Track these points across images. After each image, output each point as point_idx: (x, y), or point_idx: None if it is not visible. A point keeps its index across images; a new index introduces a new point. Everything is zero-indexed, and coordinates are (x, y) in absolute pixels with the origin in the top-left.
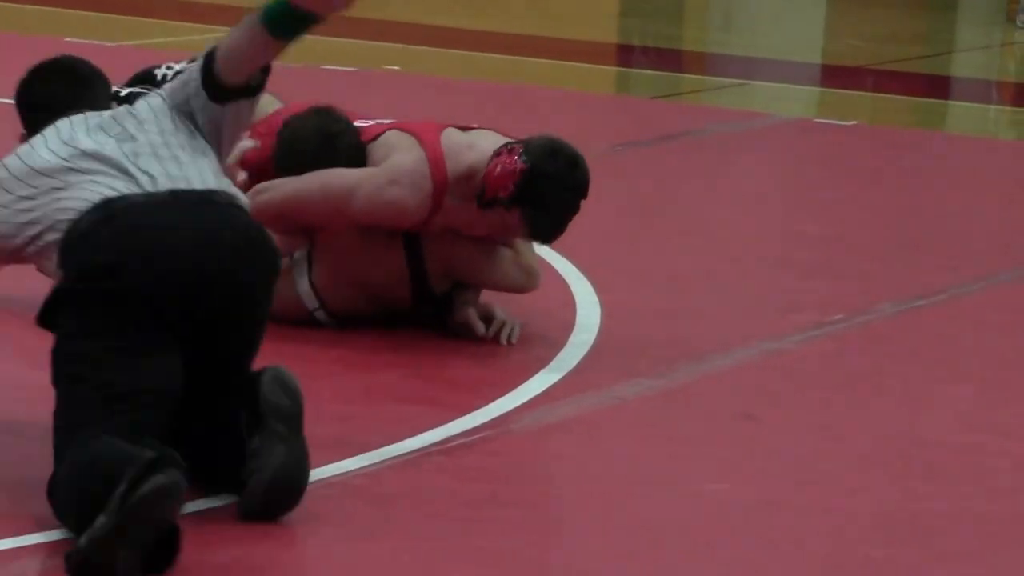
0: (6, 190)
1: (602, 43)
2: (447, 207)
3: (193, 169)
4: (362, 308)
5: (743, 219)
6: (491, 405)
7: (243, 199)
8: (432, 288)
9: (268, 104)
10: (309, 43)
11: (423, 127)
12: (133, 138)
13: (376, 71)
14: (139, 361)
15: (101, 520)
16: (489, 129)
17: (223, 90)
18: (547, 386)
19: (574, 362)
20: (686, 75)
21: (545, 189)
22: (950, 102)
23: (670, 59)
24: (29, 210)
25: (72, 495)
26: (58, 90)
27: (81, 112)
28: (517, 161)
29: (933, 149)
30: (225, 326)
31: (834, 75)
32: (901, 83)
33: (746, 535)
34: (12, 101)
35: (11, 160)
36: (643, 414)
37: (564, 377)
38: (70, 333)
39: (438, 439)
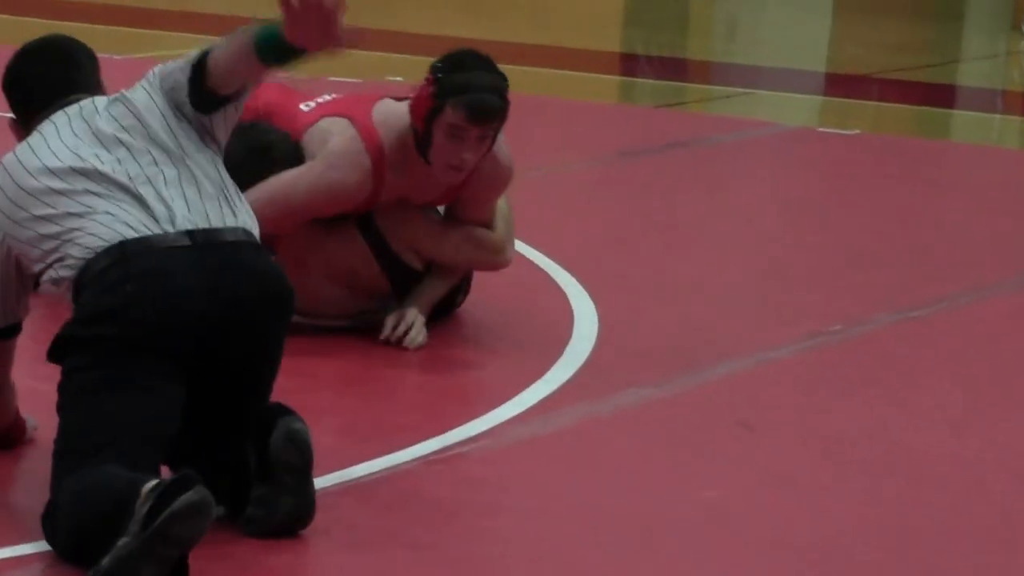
0: (19, 206)
1: (606, 52)
2: (391, 181)
3: (211, 199)
4: (343, 305)
5: (743, 229)
6: (488, 415)
7: (256, 229)
8: (405, 263)
9: None
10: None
11: (353, 104)
12: (149, 158)
13: (379, 82)
14: (143, 400)
15: (125, 540)
16: None
17: (210, 99)
18: (544, 396)
19: (571, 372)
20: (690, 84)
21: (459, 74)
22: (955, 111)
23: (674, 68)
24: (51, 236)
25: (73, 521)
26: (49, 71)
27: (76, 101)
28: (426, 77)
29: (936, 158)
30: (238, 369)
31: (839, 84)
32: (906, 92)
33: (742, 544)
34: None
35: (15, 169)
36: (640, 424)
37: (561, 387)
38: (77, 367)
39: (435, 448)
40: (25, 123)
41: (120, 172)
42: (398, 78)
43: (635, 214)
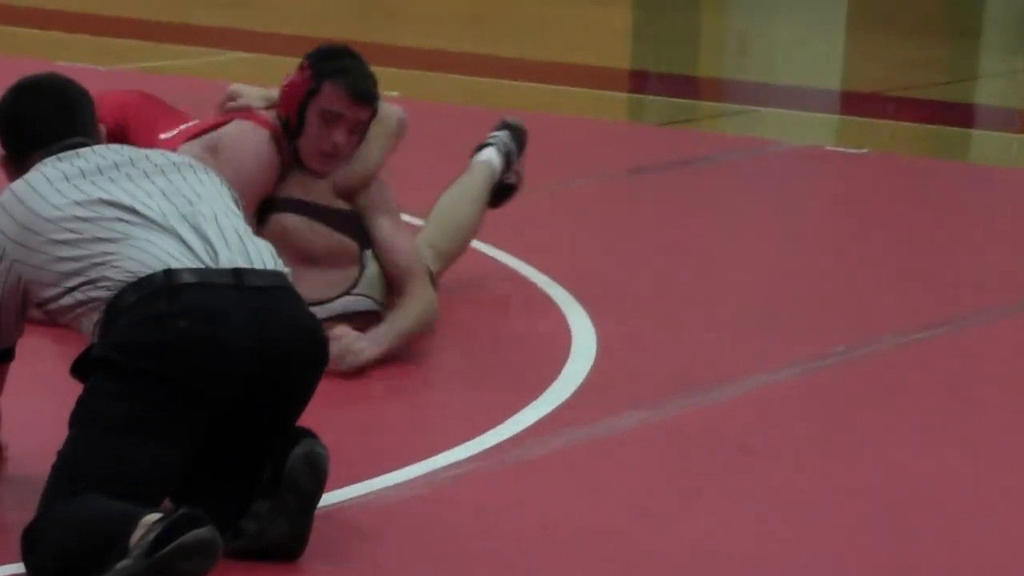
0: (35, 232)
1: (614, 69)
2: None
3: (250, 242)
4: (335, 283)
5: (746, 249)
6: (482, 437)
7: (290, 275)
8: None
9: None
10: None
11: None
12: (183, 199)
13: None
14: (161, 448)
15: (126, 562)
16: None
17: None
18: (539, 417)
19: (568, 393)
20: (700, 101)
21: (333, 60)
22: (971, 130)
23: (684, 85)
24: (72, 259)
25: (60, 546)
26: (45, 111)
27: (78, 145)
28: (300, 65)
29: (947, 179)
30: (269, 414)
31: (852, 102)
32: (920, 111)
33: (739, 570)
34: None
35: (29, 196)
36: (637, 447)
37: (557, 408)
38: (107, 391)
39: (425, 471)
40: (19, 160)
41: (153, 209)
42: (394, 93)
43: (638, 233)
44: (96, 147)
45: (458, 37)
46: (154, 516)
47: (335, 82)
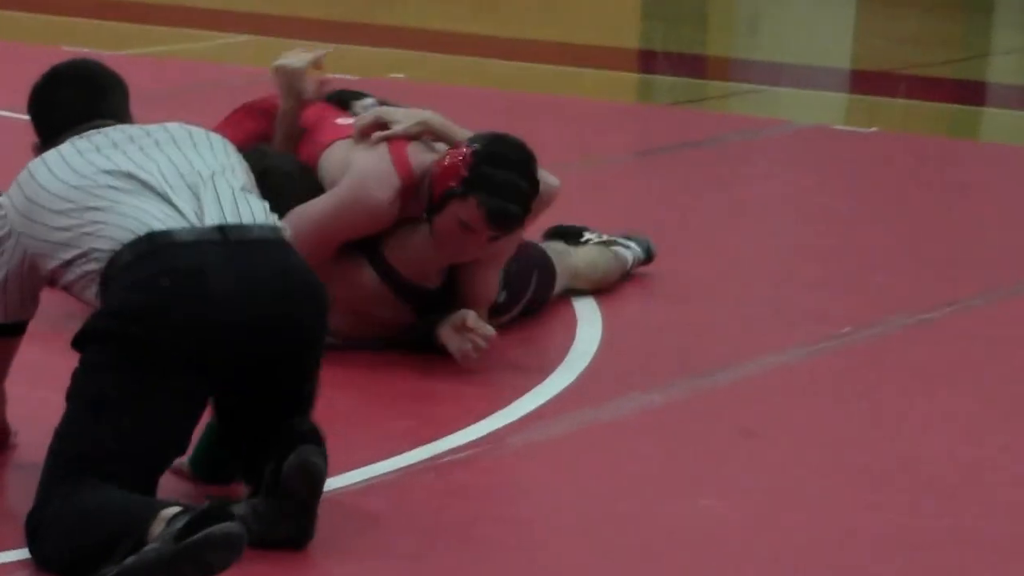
0: (38, 204)
1: (622, 49)
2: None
3: (243, 199)
4: (369, 330)
5: (754, 229)
6: (484, 421)
7: (288, 230)
8: (417, 285)
9: None
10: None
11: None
12: (182, 158)
13: (380, 79)
14: (153, 416)
15: (154, 545)
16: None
17: None
18: (543, 401)
19: (571, 377)
20: (709, 81)
21: (497, 171)
22: (984, 108)
23: (693, 64)
24: (64, 229)
25: (73, 536)
26: (74, 97)
27: (102, 125)
28: (465, 150)
29: (958, 157)
30: (274, 376)
31: (863, 80)
32: (932, 89)
33: (743, 554)
34: (7, 112)
35: (39, 170)
36: (641, 430)
37: (561, 392)
38: (96, 364)
39: (430, 455)
40: (46, 145)
41: (150, 171)
42: (399, 75)
43: (644, 215)
44: (121, 125)
45: (464, 18)
46: (174, 509)
47: (481, 200)
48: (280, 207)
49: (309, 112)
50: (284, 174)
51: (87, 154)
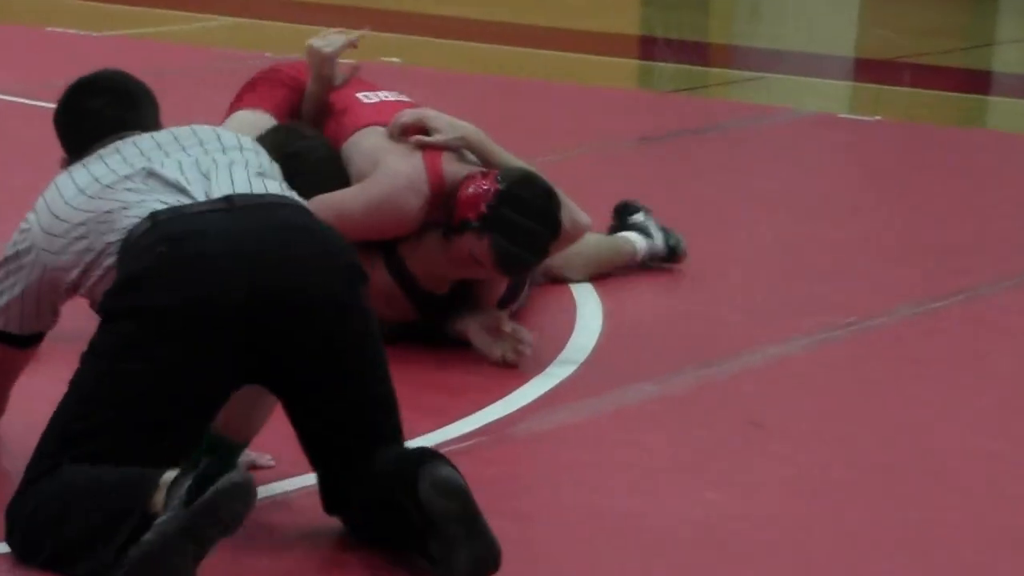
0: (61, 219)
1: (623, 35)
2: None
3: (257, 178)
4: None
5: (758, 217)
6: (485, 411)
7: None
8: (429, 292)
9: None
10: (303, 33)
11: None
12: (211, 154)
13: (374, 63)
14: (158, 389)
15: (167, 516)
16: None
17: None
18: (544, 391)
19: (573, 367)
20: (710, 68)
21: (517, 215)
22: (989, 97)
23: (694, 51)
24: (83, 237)
25: (62, 522)
26: (105, 109)
27: (129, 136)
28: (491, 182)
29: (962, 146)
30: (324, 353)
31: (867, 69)
32: (937, 77)
33: (748, 547)
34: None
35: (64, 186)
36: (643, 421)
37: (562, 382)
38: (95, 346)
39: (430, 446)
40: (73, 157)
41: (169, 167)
42: (395, 59)
43: (645, 202)
44: (150, 133)
45: (462, 2)
46: (172, 474)
47: (494, 242)
48: (306, 191)
49: (338, 93)
50: (317, 160)
51: (112, 164)
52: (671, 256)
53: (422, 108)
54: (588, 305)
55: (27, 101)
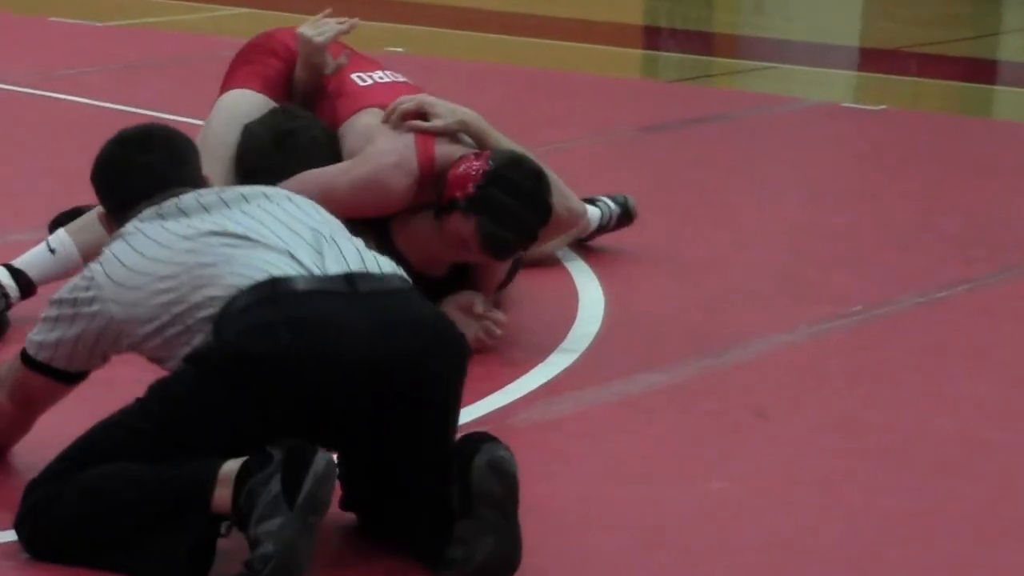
0: (138, 272)
1: (627, 25)
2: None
3: (367, 252)
4: None
5: (762, 207)
6: (486, 400)
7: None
8: (424, 275)
9: None
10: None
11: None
12: (303, 221)
13: (378, 53)
14: (214, 447)
15: (280, 520)
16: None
17: None
18: (546, 381)
19: (575, 356)
20: (716, 58)
21: (503, 194)
22: (995, 87)
23: (699, 41)
24: (168, 291)
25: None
26: (153, 165)
27: (181, 191)
28: (482, 163)
29: (966, 134)
30: (402, 435)
31: (872, 59)
32: (943, 67)
33: (753, 536)
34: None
35: (137, 240)
36: (647, 410)
37: (563, 371)
38: (182, 381)
39: None
40: (117, 213)
41: (264, 235)
42: (399, 49)
43: (650, 191)
44: (202, 190)
45: None
46: (232, 467)
47: (480, 224)
48: (299, 169)
49: (328, 77)
50: (311, 138)
51: (193, 220)
52: (625, 215)
53: (422, 94)
54: (590, 293)
55: (30, 91)
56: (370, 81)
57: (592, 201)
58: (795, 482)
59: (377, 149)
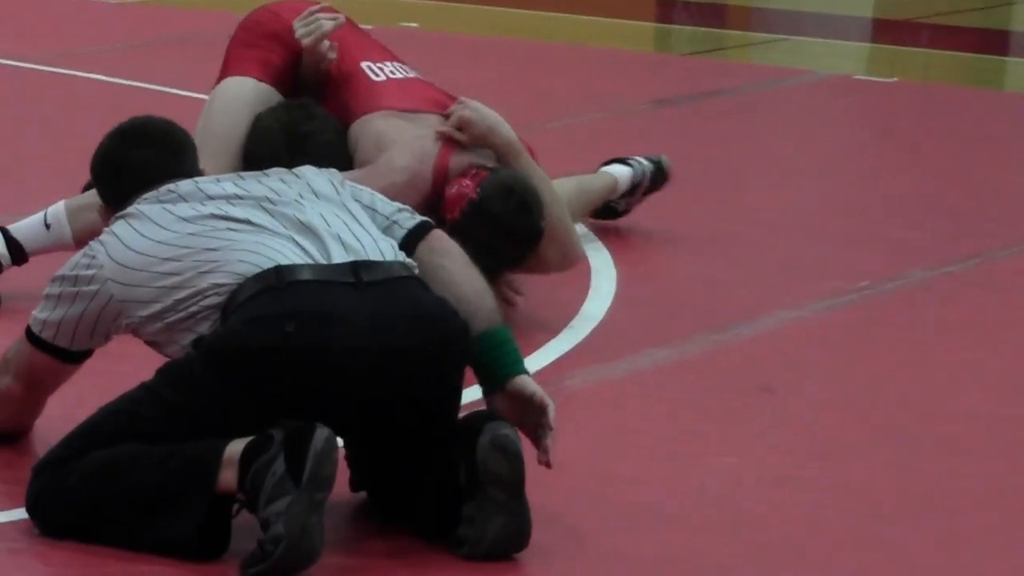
0: (140, 253)
1: None
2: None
3: (367, 237)
4: None
5: (774, 181)
6: None
7: (415, 266)
8: None
9: None
10: None
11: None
12: (296, 205)
13: (392, 29)
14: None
15: (288, 499)
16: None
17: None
18: (556, 357)
19: (585, 332)
20: (729, 31)
21: (484, 228)
22: (1007, 58)
23: (712, 14)
24: (173, 273)
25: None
26: (150, 158)
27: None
28: (471, 189)
29: (978, 107)
30: (404, 424)
31: (885, 29)
32: (955, 37)
33: (758, 511)
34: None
35: (139, 223)
36: (656, 386)
37: (574, 348)
38: (187, 373)
39: None
40: (114, 207)
41: (266, 221)
42: (413, 24)
43: None
44: (198, 179)
45: None
46: (237, 448)
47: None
48: None
49: (341, 61)
50: (325, 143)
51: (179, 204)
52: (659, 173)
53: (467, 99)
54: (601, 269)
55: (50, 69)
56: (383, 76)
57: (624, 160)
58: (801, 457)
59: (392, 165)
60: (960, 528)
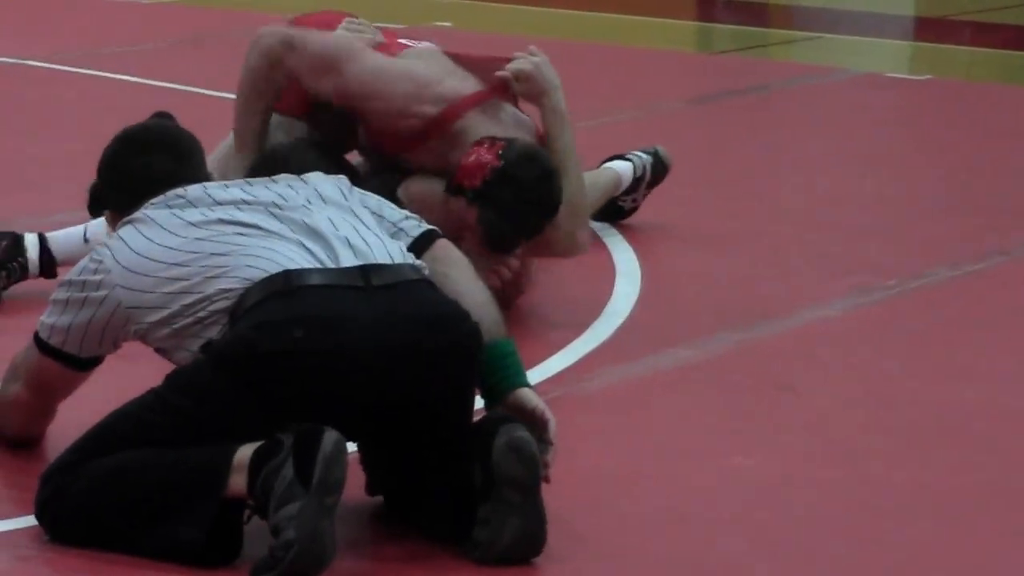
0: (147, 258)
1: None
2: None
3: (376, 241)
4: None
5: (804, 178)
6: None
7: (424, 268)
8: None
9: None
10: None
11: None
12: (304, 210)
13: (426, 28)
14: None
15: (298, 504)
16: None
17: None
18: (580, 356)
19: (609, 331)
20: (769, 29)
21: (509, 194)
22: None
23: (751, 13)
24: (179, 279)
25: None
26: (159, 163)
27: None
28: (493, 156)
29: (1012, 104)
30: (416, 429)
31: (920, 27)
32: (990, 35)
33: (775, 511)
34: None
35: (147, 228)
36: (678, 385)
37: (597, 347)
38: (197, 379)
39: None
40: (121, 213)
41: (274, 225)
42: (447, 23)
43: (690, 164)
44: (207, 184)
45: None
46: (246, 453)
47: (482, 218)
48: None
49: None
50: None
51: (187, 209)
52: (658, 164)
53: (542, 60)
54: (626, 269)
55: (74, 69)
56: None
57: (622, 157)
58: (819, 456)
59: (410, 73)
60: (981, 526)
